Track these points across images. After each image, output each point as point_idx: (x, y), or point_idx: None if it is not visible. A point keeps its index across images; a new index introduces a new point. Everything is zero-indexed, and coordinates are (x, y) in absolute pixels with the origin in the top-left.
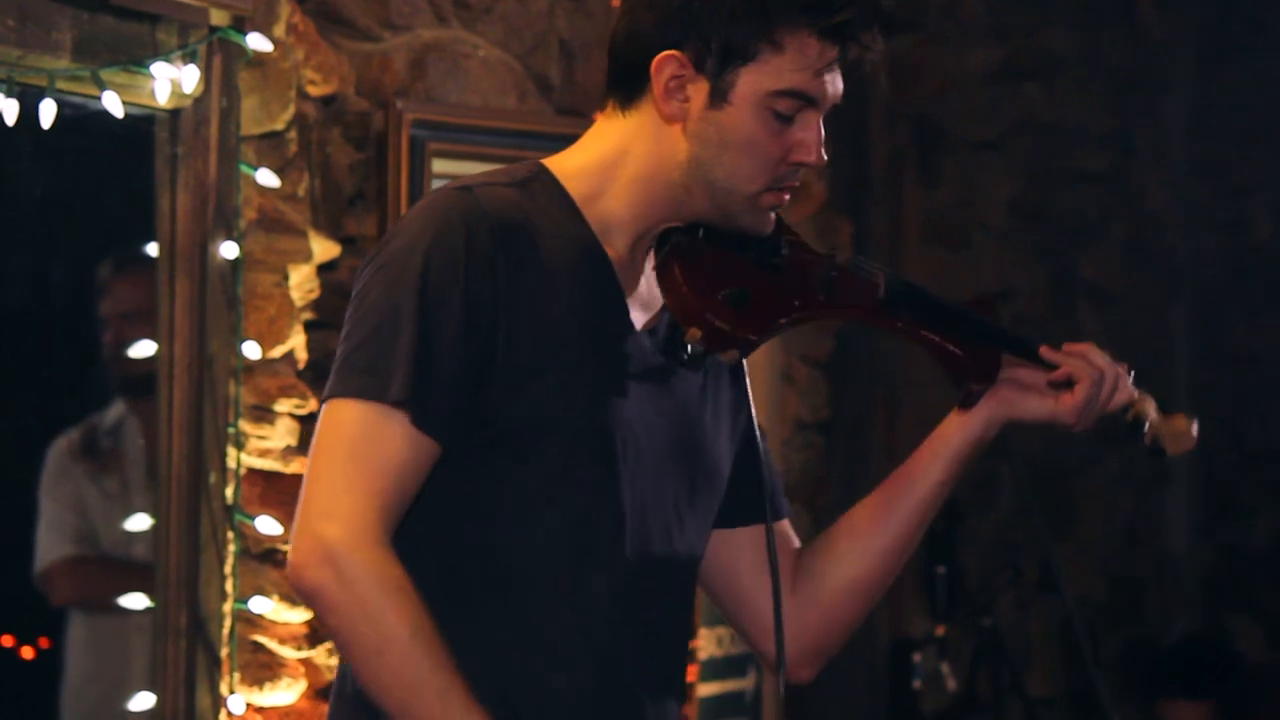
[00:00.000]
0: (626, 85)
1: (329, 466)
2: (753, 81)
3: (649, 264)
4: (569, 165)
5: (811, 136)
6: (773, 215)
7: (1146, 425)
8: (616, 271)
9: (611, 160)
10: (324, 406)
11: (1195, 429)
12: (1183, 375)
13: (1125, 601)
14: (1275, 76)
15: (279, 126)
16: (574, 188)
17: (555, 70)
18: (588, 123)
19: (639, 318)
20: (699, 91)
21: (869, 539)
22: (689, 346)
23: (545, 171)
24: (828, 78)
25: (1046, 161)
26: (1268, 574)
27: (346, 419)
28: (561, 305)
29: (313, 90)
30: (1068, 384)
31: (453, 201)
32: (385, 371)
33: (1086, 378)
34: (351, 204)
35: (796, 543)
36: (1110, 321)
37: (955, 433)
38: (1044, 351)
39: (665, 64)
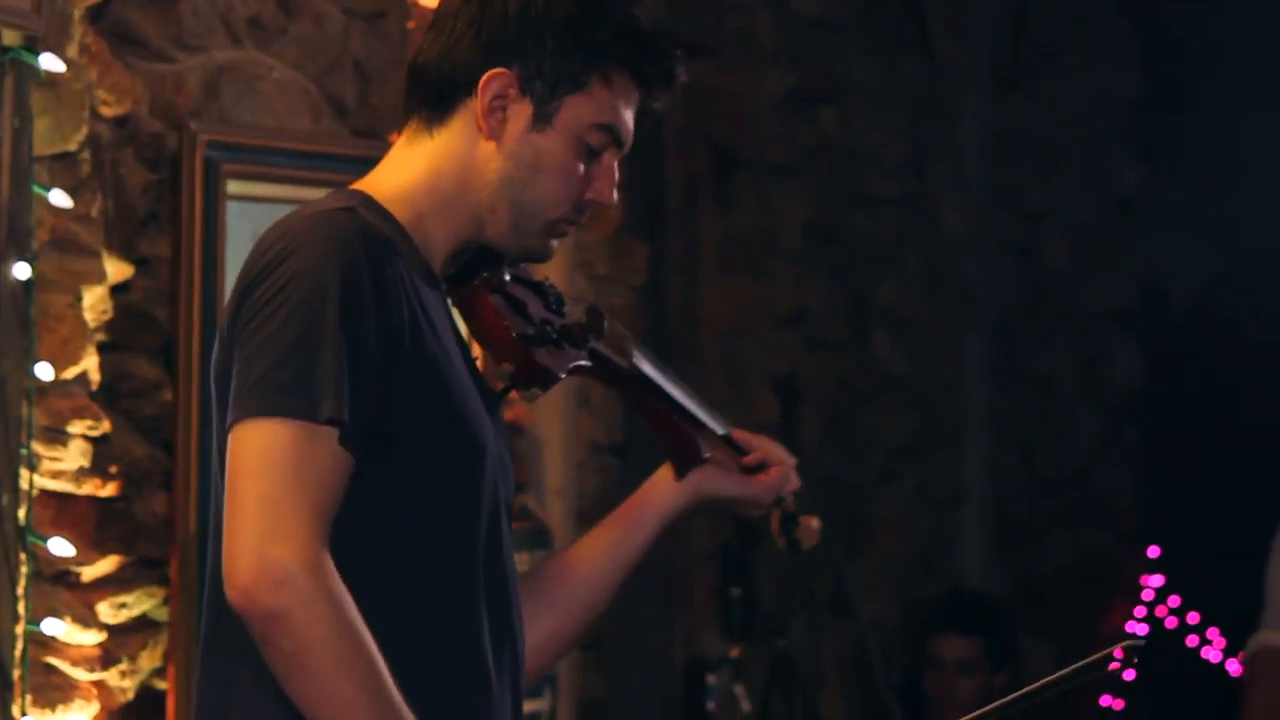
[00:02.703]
0: (436, 103)
1: (268, 487)
2: (577, 111)
3: None
4: (385, 191)
5: (609, 177)
6: (555, 245)
7: (796, 521)
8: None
9: (425, 184)
10: (244, 425)
11: (817, 527)
12: (977, 399)
13: (918, 624)
14: (1069, 103)
15: (72, 147)
16: (399, 214)
17: (350, 92)
18: (383, 144)
19: None
20: (520, 113)
21: (580, 593)
22: (496, 377)
23: (372, 199)
24: (630, 121)
25: (842, 186)
26: (1059, 597)
27: (278, 439)
28: (430, 328)
29: (106, 111)
30: (760, 467)
31: (345, 222)
32: (313, 390)
33: (778, 463)
34: (145, 225)
35: None
36: (905, 346)
37: (664, 504)
38: (737, 435)
39: (494, 81)
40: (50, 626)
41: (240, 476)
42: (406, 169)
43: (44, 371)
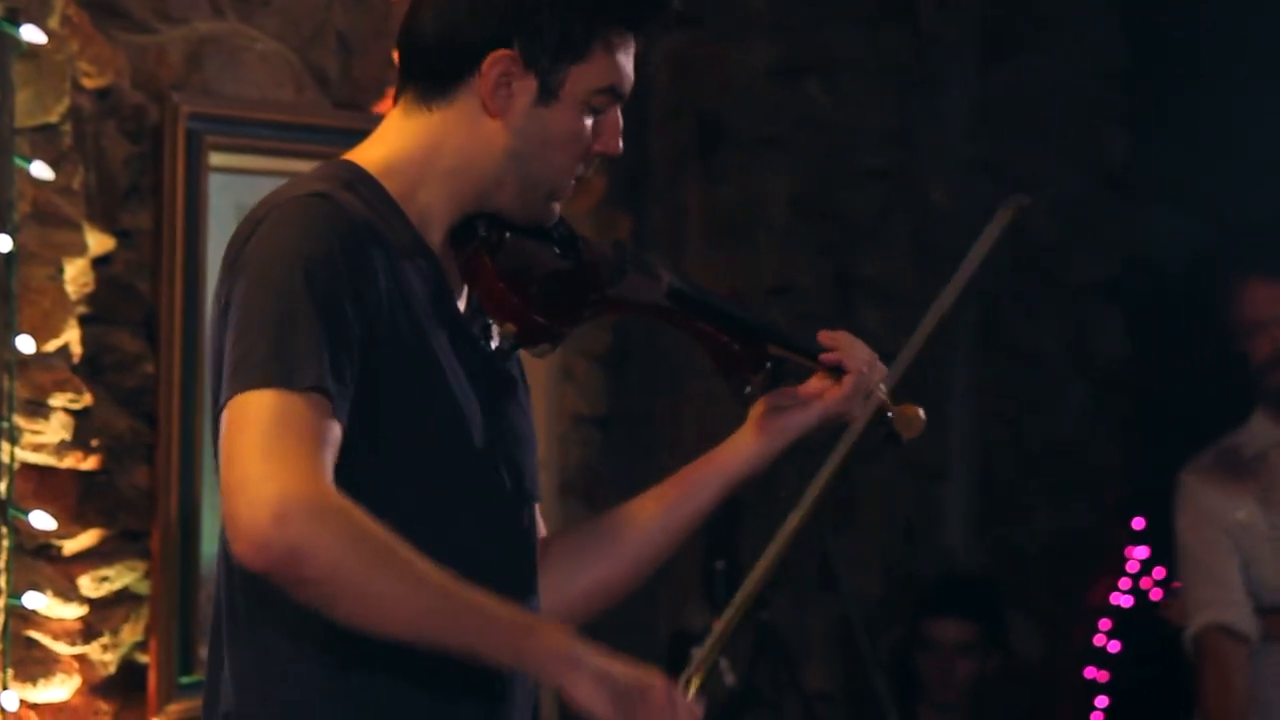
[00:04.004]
0: (437, 80)
1: (251, 446)
2: (581, 79)
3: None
4: (378, 162)
5: (614, 129)
6: (557, 209)
7: (890, 413)
8: (442, 266)
9: (423, 156)
10: (227, 407)
11: (923, 415)
12: (963, 372)
13: (903, 598)
14: (1055, 75)
15: (53, 119)
16: (390, 186)
17: (332, 63)
18: (365, 115)
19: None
20: (525, 88)
21: (630, 545)
22: (500, 340)
23: (362, 171)
24: (631, 71)
25: (828, 158)
26: (1044, 571)
27: (258, 405)
28: (415, 306)
29: (88, 83)
30: (836, 373)
31: (318, 208)
32: (289, 362)
33: (853, 363)
34: (127, 197)
35: (543, 530)
36: (892, 318)
37: (729, 465)
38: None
39: (498, 62)
40: (31, 600)
41: (228, 445)
42: (402, 141)
43: (25, 344)
